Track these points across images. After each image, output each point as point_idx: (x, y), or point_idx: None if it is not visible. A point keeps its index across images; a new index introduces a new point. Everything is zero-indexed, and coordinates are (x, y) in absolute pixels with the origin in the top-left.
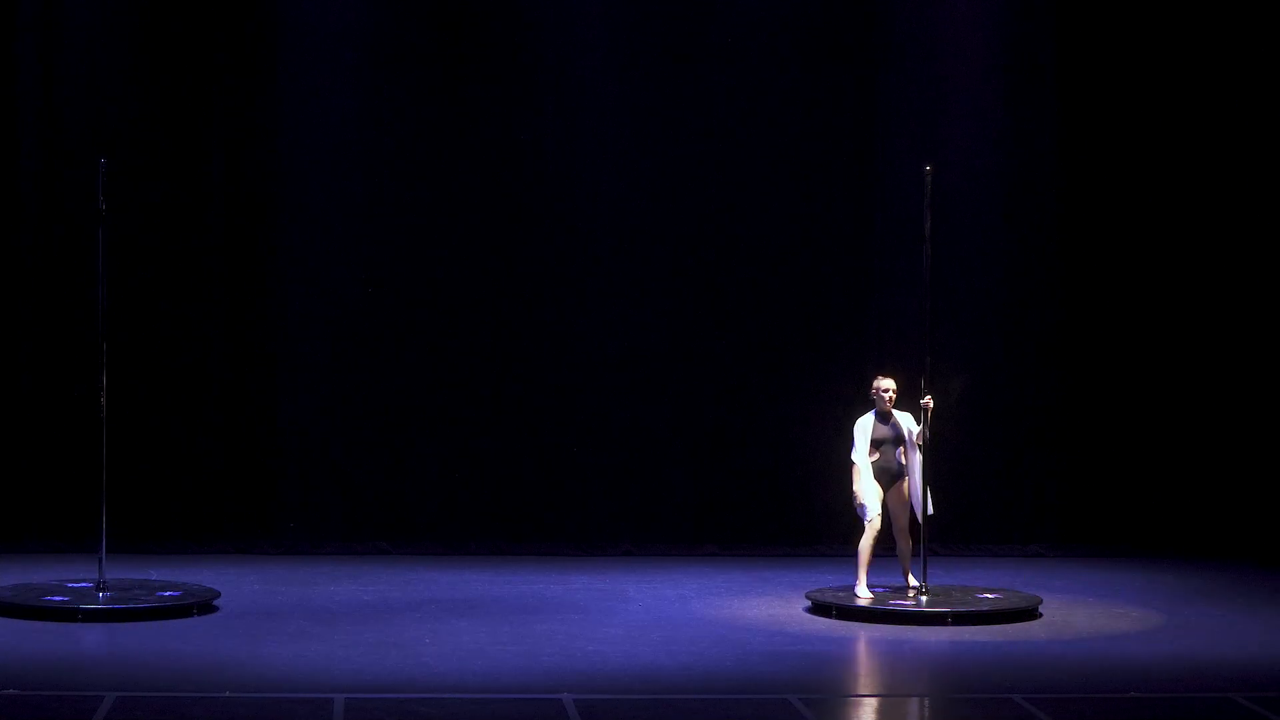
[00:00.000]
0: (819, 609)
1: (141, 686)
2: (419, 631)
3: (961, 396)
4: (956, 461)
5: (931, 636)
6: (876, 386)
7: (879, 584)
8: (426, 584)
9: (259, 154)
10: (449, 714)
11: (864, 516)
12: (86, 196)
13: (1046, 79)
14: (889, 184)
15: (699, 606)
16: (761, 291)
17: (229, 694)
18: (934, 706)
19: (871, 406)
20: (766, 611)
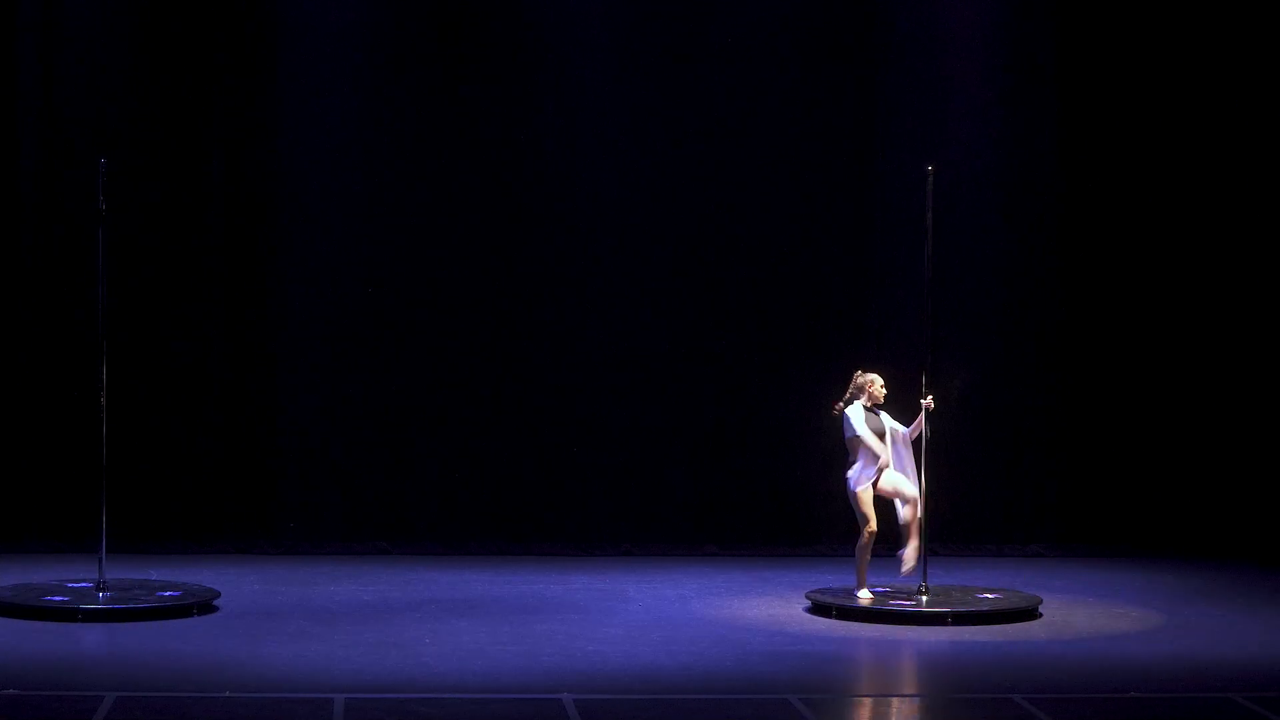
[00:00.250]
0: (819, 609)
1: (141, 686)
2: (419, 631)
3: (962, 396)
4: (956, 461)
5: (931, 636)
6: (869, 380)
7: (879, 584)
8: (426, 584)
9: (259, 154)
10: (449, 714)
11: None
12: (86, 196)
13: (1046, 79)
14: (889, 184)
15: (699, 606)
16: (761, 291)
17: (229, 694)
18: (934, 706)
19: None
20: (766, 611)
